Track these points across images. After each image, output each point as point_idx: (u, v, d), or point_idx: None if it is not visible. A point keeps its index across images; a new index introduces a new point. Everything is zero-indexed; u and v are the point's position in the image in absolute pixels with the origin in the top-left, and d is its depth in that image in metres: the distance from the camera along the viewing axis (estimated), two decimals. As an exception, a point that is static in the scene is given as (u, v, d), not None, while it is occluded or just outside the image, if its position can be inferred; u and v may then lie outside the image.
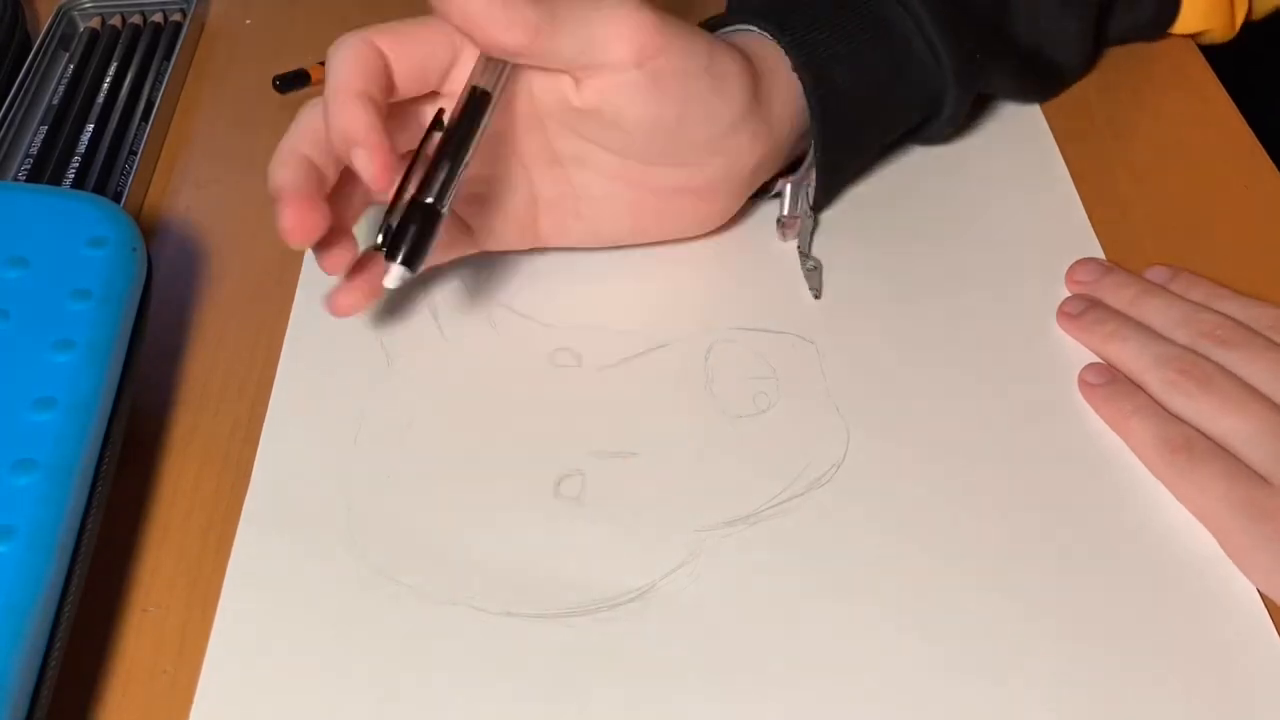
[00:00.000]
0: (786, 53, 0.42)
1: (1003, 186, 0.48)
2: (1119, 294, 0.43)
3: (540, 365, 0.42)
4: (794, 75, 0.42)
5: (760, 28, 0.42)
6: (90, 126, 0.53)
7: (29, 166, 0.50)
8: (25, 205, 0.41)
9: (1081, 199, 0.48)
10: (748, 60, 0.41)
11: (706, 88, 0.39)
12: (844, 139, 0.44)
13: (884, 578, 0.36)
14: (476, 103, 0.38)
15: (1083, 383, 0.41)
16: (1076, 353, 0.42)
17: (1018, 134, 0.50)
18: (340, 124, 0.36)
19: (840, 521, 0.37)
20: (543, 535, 0.37)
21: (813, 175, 0.45)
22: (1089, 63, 0.52)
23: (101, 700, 0.35)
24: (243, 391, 0.43)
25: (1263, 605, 0.35)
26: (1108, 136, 0.51)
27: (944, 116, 0.46)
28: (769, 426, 0.40)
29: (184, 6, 0.58)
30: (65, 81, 0.55)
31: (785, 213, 0.45)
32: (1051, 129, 0.51)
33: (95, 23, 0.58)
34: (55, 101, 0.54)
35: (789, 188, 0.45)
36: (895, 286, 0.45)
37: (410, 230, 0.37)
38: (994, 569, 0.36)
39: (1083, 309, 0.43)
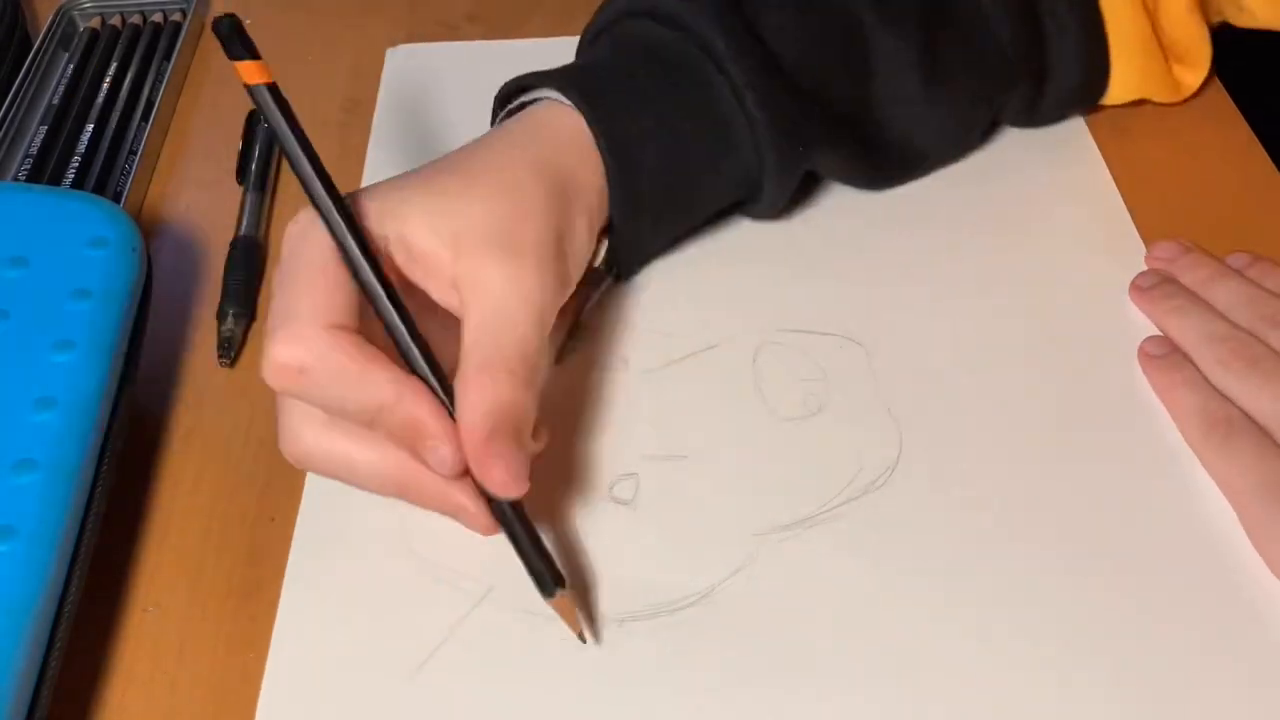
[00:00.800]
0: (594, 133, 0.40)
1: (1044, 185, 0.48)
2: (1193, 273, 0.43)
3: (587, 369, 0.42)
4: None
5: (572, 102, 0.40)
6: (90, 126, 0.52)
7: (29, 166, 0.50)
8: (25, 205, 0.41)
9: (1081, 199, 0.48)
10: (563, 218, 0.38)
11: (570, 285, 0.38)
12: (644, 218, 0.42)
13: (941, 580, 0.36)
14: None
15: (1142, 351, 0.42)
16: (1128, 347, 0.42)
17: (1056, 134, 0.50)
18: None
19: (897, 525, 0.37)
20: (598, 539, 0.37)
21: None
22: (968, 148, 0.49)
23: (101, 700, 0.35)
24: (243, 391, 0.43)
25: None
26: (1108, 136, 0.51)
27: (762, 202, 0.44)
28: (820, 429, 0.40)
29: (184, 6, 0.58)
30: (65, 81, 0.55)
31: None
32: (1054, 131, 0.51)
33: (95, 23, 0.58)
34: (55, 101, 0.54)
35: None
36: (940, 286, 0.44)
37: None
38: (1052, 570, 0.36)
39: (1154, 283, 0.43)
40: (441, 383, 0.34)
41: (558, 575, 0.33)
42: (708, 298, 0.44)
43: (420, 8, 0.59)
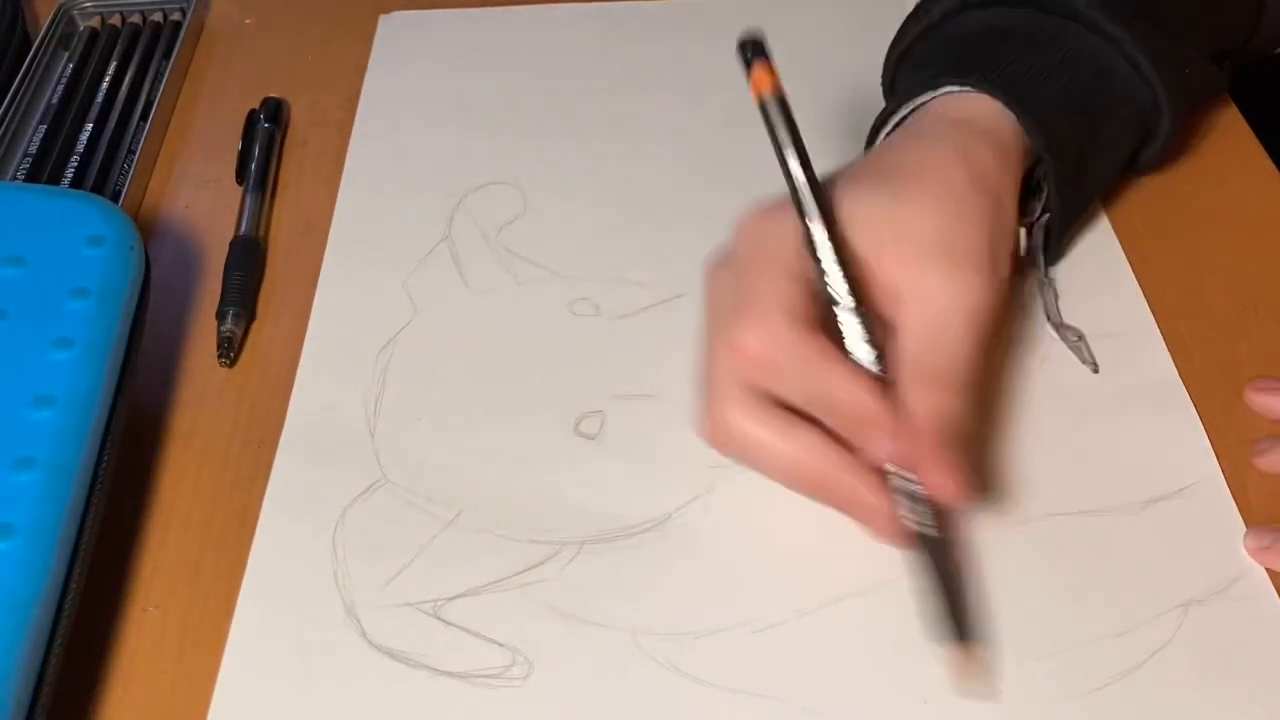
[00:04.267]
0: (1030, 133, 0.40)
1: None
2: None
3: (560, 315, 0.44)
4: (1016, 137, 0.40)
5: (992, 95, 0.40)
6: (89, 126, 0.52)
7: (28, 165, 0.50)
8: (23, 204, 0.41)
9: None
10: (999, 216, 0.38)
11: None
12: (1075, 189, 0.42)
13: None
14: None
15: (1249, 550, 0.36)
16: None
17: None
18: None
19: None
20: (563, 470, 0.39)
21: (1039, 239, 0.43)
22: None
23: (101, 700, 0.34)
24: (243, 391, 0.42)
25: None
26: (1108, 136, 0.50)
27: (1160, 137, 0.44)
28: None
29: (184, 6, 0.58)
30: (64, 81, 0.55)
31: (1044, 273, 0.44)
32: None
33: (95, 22, 0.58)
34: (54, 101, 0.54)
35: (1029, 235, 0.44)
36: None
37: None
38: (998, 506, 0.38)
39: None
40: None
41: (970, 628, 0.34)
42: (678, 251, 0.46)
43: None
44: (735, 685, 0.34)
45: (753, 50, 0.34)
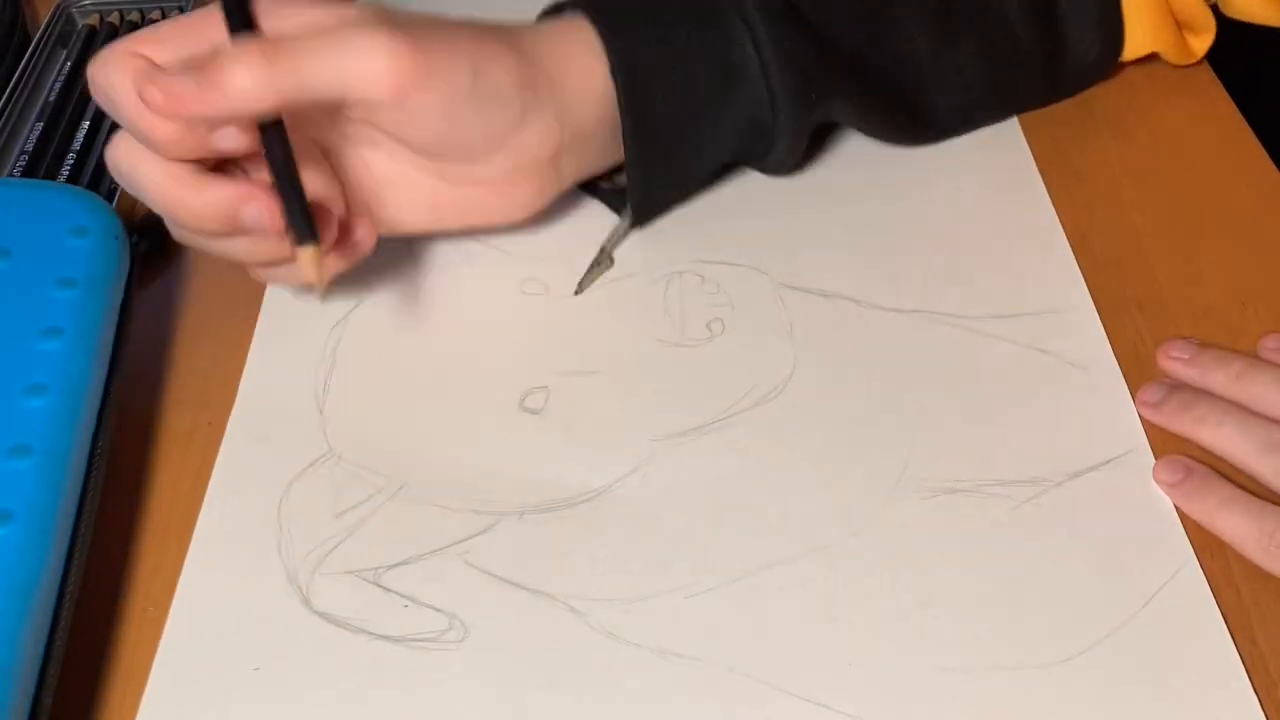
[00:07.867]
0: (608, 56, 0.41)
1: (960, 146, 0.50)
2: (1221, 370, 0.39)
3: (510, 293, 0.45)
4: (609, 76, 0.41)
5: (592, 22, 0.41)
6: (86, 123, 0.52)
7: (24, 162, 0.50)
8: (4, 198, 0.41)
9: (1082, 198, 0.48)
10: (520, 64, 0.39)
11: (471, 108, 0.38)
12: (656, 148, 0.43)
13: (821, 481, 0.38)
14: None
15: (1160, 482, 0.38)
16: (1016, 282, 0.44)
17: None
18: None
19: (783, 432, 0.40)
20: (507, 443, 0.40)
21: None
22: (999, 111, 0.50)
23: (102, 700, 0.34)
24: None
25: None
26: (1107, 136, 0.51)
27: (775, 154, 0.45)
28: (722, 349, 0.43)
29: (182, 4, 0.58)
30: (62, 79, 0.54)
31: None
32: (1053, 129, 0.51)
33: (94, 20, 0.58)
34: (52, 98, 0.53)
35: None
36: (851, 223, 0.47)
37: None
38: (928, 476, 0.39)
39: (1162, 396, 0.39)
40: None
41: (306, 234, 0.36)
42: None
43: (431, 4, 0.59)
44: (666, 648, 0.34)
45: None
